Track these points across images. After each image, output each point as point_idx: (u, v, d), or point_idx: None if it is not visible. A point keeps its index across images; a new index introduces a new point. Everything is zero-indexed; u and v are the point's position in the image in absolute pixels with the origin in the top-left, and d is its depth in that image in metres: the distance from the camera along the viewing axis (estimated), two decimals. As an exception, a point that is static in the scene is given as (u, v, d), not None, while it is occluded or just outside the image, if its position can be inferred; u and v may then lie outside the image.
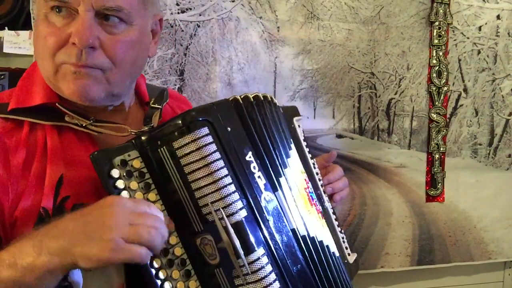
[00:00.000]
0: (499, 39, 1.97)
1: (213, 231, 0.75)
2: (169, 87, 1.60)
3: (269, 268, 0.77)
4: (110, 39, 0.79)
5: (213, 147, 0.76)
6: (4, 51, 1.55)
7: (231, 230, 0.74)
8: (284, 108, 1.05)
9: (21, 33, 1.54)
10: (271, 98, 0.95)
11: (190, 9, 1.63)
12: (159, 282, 0.73)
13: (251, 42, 1.70)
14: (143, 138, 0.78)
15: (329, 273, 0.92)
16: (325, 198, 1.05)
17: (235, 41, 1.68)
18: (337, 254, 0.98)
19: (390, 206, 1.90)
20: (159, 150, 0.76)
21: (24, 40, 1.53)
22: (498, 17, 1.96)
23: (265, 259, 0.77)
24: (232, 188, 0.76)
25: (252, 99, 0.87)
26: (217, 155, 0.76)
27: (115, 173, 0.73)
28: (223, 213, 0.74)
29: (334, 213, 1.07)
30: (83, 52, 0.76)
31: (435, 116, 1.91)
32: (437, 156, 1.92)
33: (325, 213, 1.02)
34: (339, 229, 1.07)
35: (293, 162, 0.94)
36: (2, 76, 1.55)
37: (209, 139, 0.76)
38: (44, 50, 0.79)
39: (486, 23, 1.95)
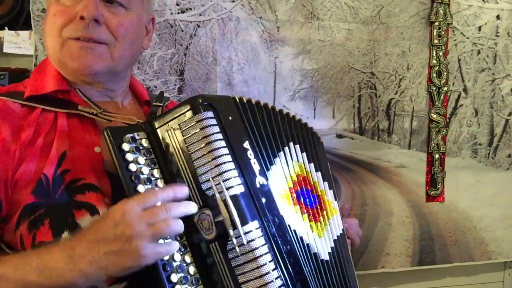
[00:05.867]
0: (498, 39, 1.97)
1: (211, 206, 0.79)
2: (168, 86, 1.61)
3: (262, 240, 0.80)
4: (113, 17, 0.89)
5: (216, 128, 0.82)
6: (4, 51, 1.54)
7: (230, 202, 0.78)
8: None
9: (21, 33, 1.54)
10: (270, 106, 1.00)
11: (190, 9, 1.63)
12: None
13: (251, 42, 1.70)
14: (153, 121, 0.85)
15: (308, 266, 0.92)
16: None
17: (235, 41, 1.68)
18: (323, 257, 0.97)
19: (390, 206, 1.90)
20: (167, 132, 0.83)
21: (24, 40, 1.53)
22: (498, 17, 1.96)
23: (258, 232, 0.80)
24: (231, 165, 0.82)
25: (245, 101, 0.94)
26: (219, 135, 0.82)
27: (125, 147, 0.80)
28: (223, 186, 0.79)
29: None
30: (89, 26, 0.86)
31: (435, 116, 1.92)
32: (437, 156, 1.92)
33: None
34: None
35: (281, 162, 0.97)
36: (2, 76, 1.55)
37: (213, 121, 0.83)
38: (53, 27, 0.88)
39: (486, 23, 1.95)
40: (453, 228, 1.97)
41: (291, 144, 1.01)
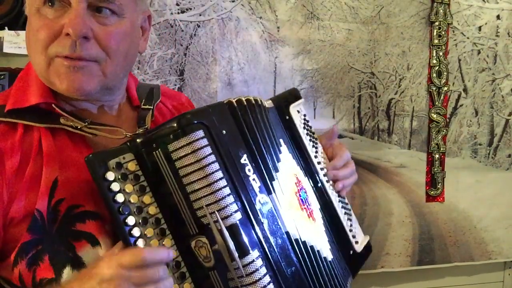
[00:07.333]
0: (499, 39, 1.97)
1: (207, 234, 0.74)
2: (168, 86, 1.61)
3: (263, 270, 0.76)
4: (103, 30, 0.79)
5: (208, 149, 0.75)
6: (4, 51, 1.54)
7: (226, 233, 0.73)
8: (279, 97, 1.04)
9: (21, 33, 1.54)
10: (260, 101, 0.94)
11: (190, 9, 1.63)
12: None
13: (251, 42, 1.70)
14: (138, 140, 0.77)
15: (320, 277, 0.91)
16: (328, 188, 1.03)
17: (235, 41, 1.68)
18: (330, 258, 0.96)
19: (390, 206, 1.90)
20: (154, 153, 0.75)
21: (24, 40, 1.52)
22: (498, 17, 1.96)
23: (259, 262, 0.76)
24: (226, 191, 0.75)
25: (245, 103, 0.87)
26: (212, 157, 0.75)
27: (110, 175, 0.72)
28: (217, 215, 0.73)
29: (341, 201, 1.06)
30: (77, 43, 0.76)
31: (435, 116, 1.92)
32: (437, 156, 1.92)
33: (326, 208, 1.01)
34: (346, 217, 1.06)
35: (284, 165, 0.93)
36: (2, 76, 1.55)
37: (204, 142, 0.75)
38: (37, 43, 0.78)
39: (486, 23, 1.95)
40: (453, 228, 1.97)
41: (281, 141, 0.96)
